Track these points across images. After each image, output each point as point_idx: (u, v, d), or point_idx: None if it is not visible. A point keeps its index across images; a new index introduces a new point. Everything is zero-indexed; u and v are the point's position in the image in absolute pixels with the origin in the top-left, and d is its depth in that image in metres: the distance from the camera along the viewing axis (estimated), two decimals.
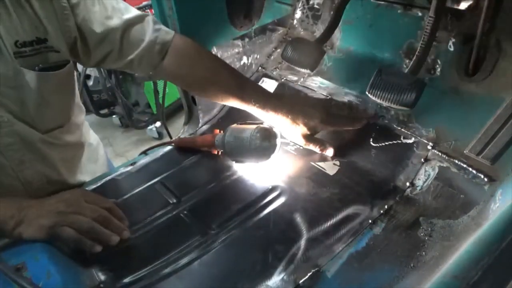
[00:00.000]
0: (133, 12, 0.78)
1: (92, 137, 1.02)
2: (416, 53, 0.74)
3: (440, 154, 0.72)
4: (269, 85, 1.06)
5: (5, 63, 0.64)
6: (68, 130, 0.84)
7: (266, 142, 0.79)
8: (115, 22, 0.75)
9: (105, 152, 1.09)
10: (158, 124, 2.93)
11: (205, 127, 1.06)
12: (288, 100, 0.82)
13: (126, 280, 0.62)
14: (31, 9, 0.66)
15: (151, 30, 0.78)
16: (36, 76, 0.68)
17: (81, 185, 0.87)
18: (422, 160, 0.74)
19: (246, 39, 1.08)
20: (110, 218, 0.67)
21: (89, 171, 0.95)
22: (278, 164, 0.85)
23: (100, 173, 0.92)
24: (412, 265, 0.60)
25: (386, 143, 0.80)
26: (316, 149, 0.82)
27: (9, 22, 0.64)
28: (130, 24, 0.77)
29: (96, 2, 0.74)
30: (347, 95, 0.92)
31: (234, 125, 0.85)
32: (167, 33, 0.80)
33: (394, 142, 0.79)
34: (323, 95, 0.95)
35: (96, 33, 0.74)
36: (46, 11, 0.68)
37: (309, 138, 0.81)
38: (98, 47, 0.76)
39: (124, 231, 0.68)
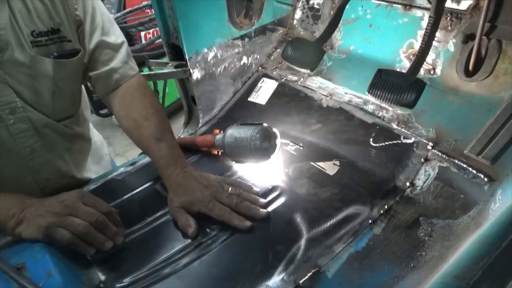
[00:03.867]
0: (114, 36, 0.82)
1: (96, 136, 1.03)
2: (416, 53, 0.74)
3: (440, 154, 0.72)
4: (269, 85, 1.06)
5: (23, 51, 0.67)
6: (77, 121, 0.86)
7: (266, 142, 0.79)
8: (93, 41, 0.78)
9: (110, 155, 1.10)
10: None
11: (205, 127, 1.06)
12: (186, 173, 0.77)
13: (126, 280, 0.62)
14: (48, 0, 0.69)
15: (120, 60, 0.82)
16: (52, 64, 0.71)
17: (87, 182, 0.88)
18: (422, 160, 0.74)
19: (246, 39, 1.08)
20: (106, 223, 0.66)
21: (92, 170, 0.95)
22: (278, 164, 0.85)
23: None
24: (412, 265, 0.60)
25: (386, 143, 0.80)
26: (179, 222, 0.72)
27: (26, 13, 0.67)
28: (104, 45, 0.80)
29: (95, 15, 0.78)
30: (347, 95, 0.93)
31: (234, 125, 0.85)
32: (131, 69, 0.84)
33: (394, 142, 0.79)
34: (323, 94, 0.95)
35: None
36: (60, 2, 0.71)
37: (178, 211, 0.73)
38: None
39: (118, 237, 0.67)
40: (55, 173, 0.81)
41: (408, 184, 0.73)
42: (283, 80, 1.05)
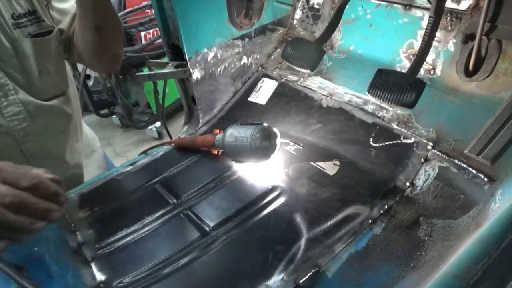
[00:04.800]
0: None
1: (87, 130, 1.07)
2: (416, 53, 0.74)
3: (440, 154, 0.72)
4: (269, 85, 1.06)
5: (5, 34, 0.71)
6: (67, 100, 0.89)
7: (266, 142, 0.79)
8: (68, 5, 0.83)
9: (102, 149, 1.11)
10: (158, 124, 2.93)
11: (205, 127, 1.06)
12: None
13: (126, 280, 0.62)
14: None
15: None
16: (30, 43, 0.75)
17: (86, 182, 0.88)
18: (422, 160, 0.74)
19: (246, 39, 1.08)
20: (28, 201, 0.51)
21: (83, 163, 0.97)
22: (278, 164, 0.85)
23: (94, 167, 0.94)
24: (412, 265, 0.60)
25: (386, 143, 0.80)
26: None
27: None
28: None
29: None
30: (347, 95, 0.92)
31: (234, 125, 0.85)
32: None
33: (394, 142, 0.79)
34: (323, 94, 0.95)
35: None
36: None
37: None
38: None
39: (52, 212, 0.53)
40: (48, 158, 0.83)
41: (408, 184, 0.73)
42: (283, 80, 1.05)
